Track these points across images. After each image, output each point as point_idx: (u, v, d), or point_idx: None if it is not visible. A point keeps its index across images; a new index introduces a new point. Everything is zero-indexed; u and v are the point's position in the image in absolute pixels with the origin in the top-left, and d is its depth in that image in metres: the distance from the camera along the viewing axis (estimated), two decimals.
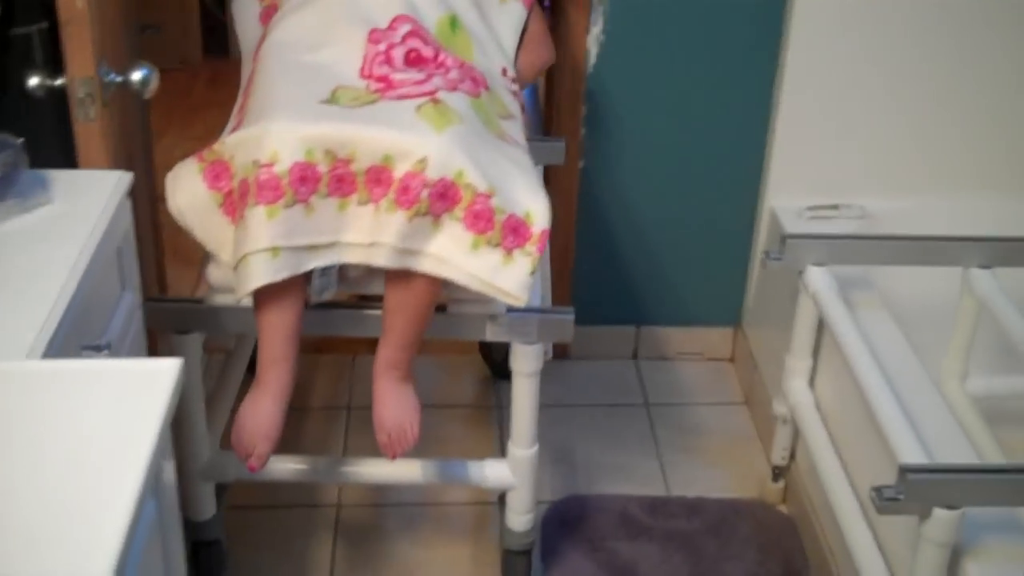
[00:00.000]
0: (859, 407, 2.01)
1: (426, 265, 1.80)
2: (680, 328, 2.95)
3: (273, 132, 1.75)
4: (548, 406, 2.76)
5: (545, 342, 2.03)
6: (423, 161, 1.74)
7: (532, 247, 1.82)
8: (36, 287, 1.46)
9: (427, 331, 1.92)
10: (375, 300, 1.96)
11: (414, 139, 1.76)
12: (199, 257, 2.52)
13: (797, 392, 2.35)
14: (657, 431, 2.75)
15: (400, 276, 1.83)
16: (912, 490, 1.69)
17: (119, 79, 1.88)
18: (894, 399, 1.93)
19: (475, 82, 1.94)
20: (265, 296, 1.79)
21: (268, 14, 2.10)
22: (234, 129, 1.87)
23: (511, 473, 2.13)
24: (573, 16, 2.58)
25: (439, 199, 1.76)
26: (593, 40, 2.59)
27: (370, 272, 1.87)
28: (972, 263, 2.23)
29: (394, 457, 1.93)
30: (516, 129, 1.99)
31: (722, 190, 2.77)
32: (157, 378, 1.25)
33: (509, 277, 1.81)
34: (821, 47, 2.54)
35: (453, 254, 1.79)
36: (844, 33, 2.53)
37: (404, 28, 1.94)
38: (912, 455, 1.80)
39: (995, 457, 2.14)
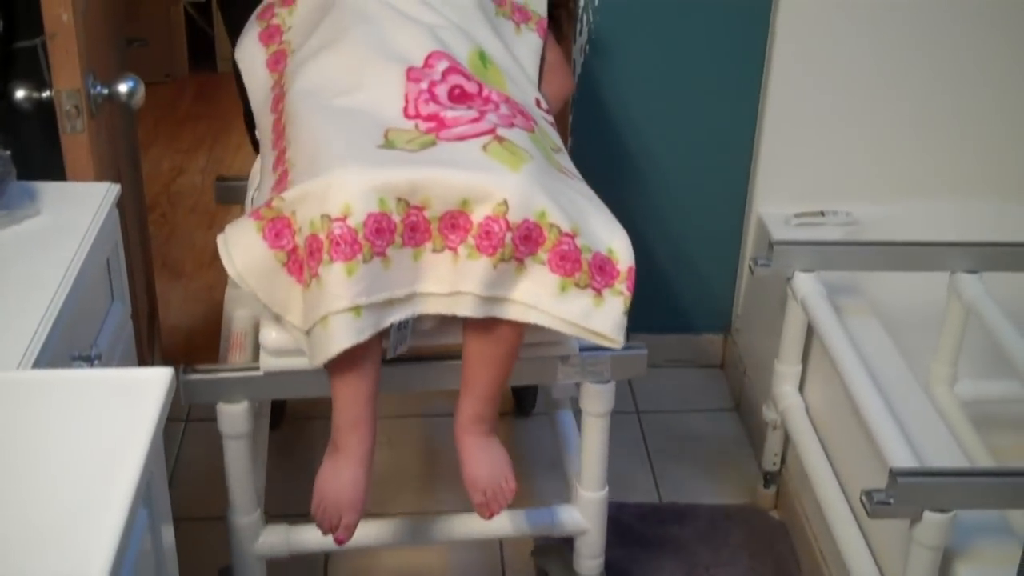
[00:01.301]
0: (849, 412, 2.01)
1: (512, 312, 1.71)
2: (670, 335, 2.95)
3: (341, 183, 1.63)
4: (539, 413, 2.78)
5: (618, 379, 1.94)
6: (504, 203, 1.65)
7: (621, 285, 1.72)
8: (26, 298, 1.46)
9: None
10: (449, 350, 1.84)
11: (492, 180, 1.66)
12: (188, 270, 2.52)
13: (787, 398, 2.35)
14: (648, 438, 2.75)
15: (481, 325, 1.73)
16: (902, 494, 1.69)
17: (106, 91, 1.88)
18: (883, 404, 1.93)
19: (525, 116, 1.85)
20: (342, 357, 1.64)
21: (277, 60, 2.03)
22: (277, 185, 1.75)
23: (583, 517, 2.04)
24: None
25: (523, 242, 1.67)
26: (578, 50, 2.59)
27: (444, 322, 1.75)
28: (959, 268, 2.24)
29: (491, 516, 1.82)
30: (568, 162, 1.90)
31: (710, 198, 2.77)
32: (148, 387, 1.25)
33: (603, 319, 1.71)
34: (806, 56, 2.55)
35: (541, 299, 1.69)
36: (829, 42, 2.55)
37: (442, 64, 1.84)
38: (902, 459, 1.81)
39: (984, 461, 2.14)
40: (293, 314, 1.70)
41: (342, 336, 1.61)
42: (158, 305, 2.81)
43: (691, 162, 2.74)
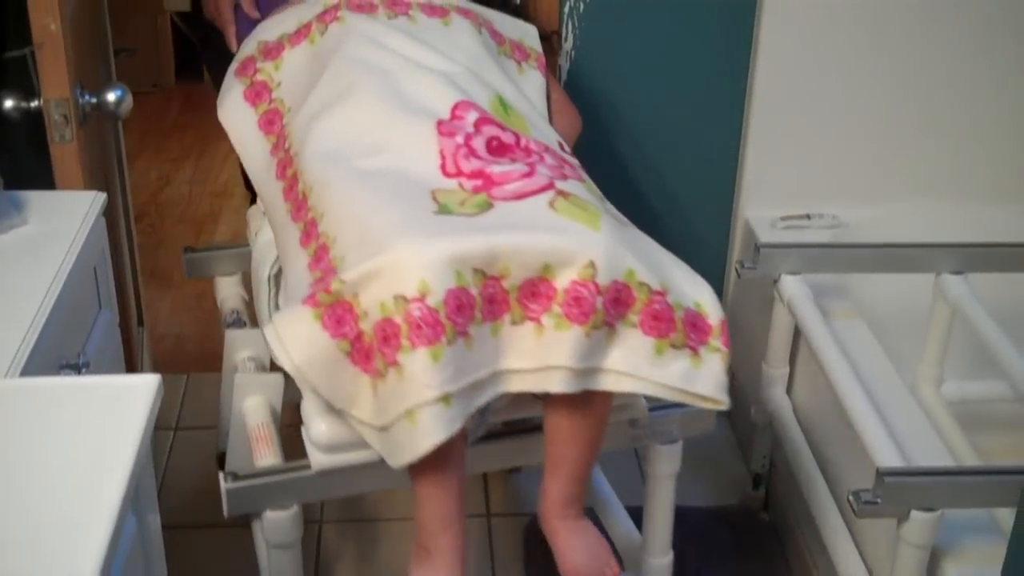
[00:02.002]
0: (836, 413, 2.02)
1: (607, 382, 1.55)
2: None
3: (412, 258, 1.45)
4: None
5: (687, 437, 1.84)
6: (591, 265, 1.49)
7: (716, 341, 1.58)
8: (13, 306, 1.46)
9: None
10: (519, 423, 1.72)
11: (575, 242, 1.50)
12: (176, 279, 2.50)
13: (775, 400, 2.36)
14: None
15: (567, 398, 1.56)
16: (889, 493, 1.70)
17: (94, 100, 1.88)
18: (870, 404, 1.94)
19: (569, 165, 1.71)
20: (428, 454, 1.45)
21: (270, 120, 1.87)
22: (316, 263, 1.59)
23: None
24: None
25: (613, 305, 1.51)
26: (564, 56, 2.60)
27: (519, 396, 1.57)
28: (944, 269, 2.25)
29: None
30: (615, 210, 1.71)
31: (696, 202, 2.78)
32: (136, 393, 1.25)
33: (705, 380, 1.57)
34: (791, 60, 2.56)
35: (637, 365, 1.54)
36: (814, 46, 2.55)
37: (472, 115, 1.69)
38: (889, 459, 1.81)
39: (970, 460, 2.15)
40: (361, 409, 1.51)
41: (434, 429, 1.42)
42: (147, 314, 2.82)
43: (677, 166, 2.74)
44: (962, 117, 2.64)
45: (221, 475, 1.67)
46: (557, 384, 1.51)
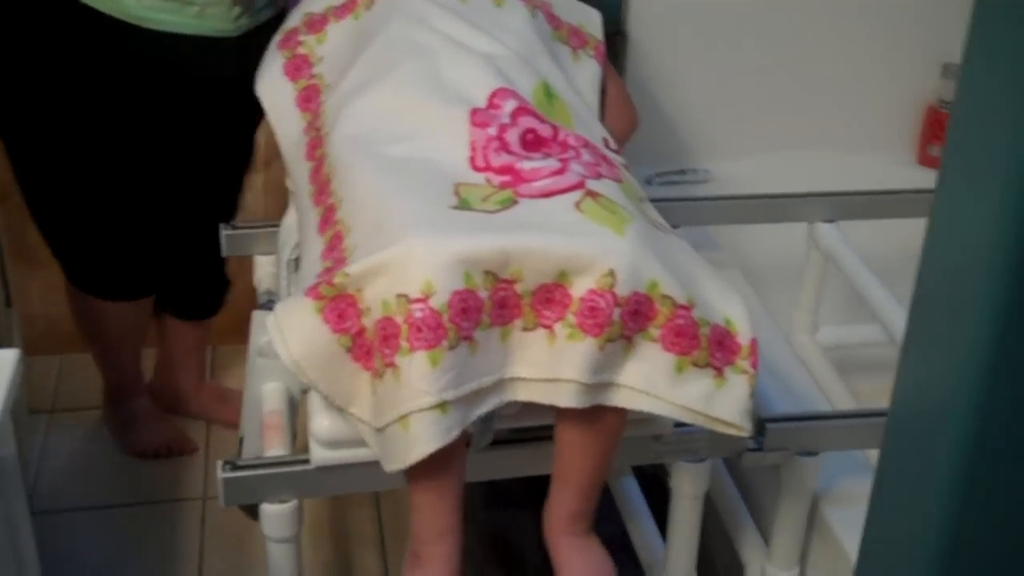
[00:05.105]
0: None
1: (621, 398, 1.45)
2: None
3: (419, 255, 1.36)
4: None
5: (716, 457, 1.75)
6: (611, 274, 1.38)
7: (744, 362, 1.47)
8: None
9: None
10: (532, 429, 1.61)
11: (595, 247, 1.39)
12: (44, 258, 2.43)
13: None
14: None
15: (580, 411, 1.45)
16: (772, 440, 1.73)
17: None
18: None
19: (608, 163, 1.58)
20: (424, 459, 1.38)
21: (308, 97, 1.77)
22: (328, 252, 1.51)
23: None
24: None
25: (631, 318, 1.41)
26: None
27: (529, 405, 1.47)
28: (817, 218, 2.29)
29: None
30: (655, 213, 1.61)
31: None
32: None
33: (727, 403, 1.47)
34: (661, 18, 2.57)
35: (654, 383, 1.44)
36: (684, 2, 2.57)
37: (509, 104, 1.58)
38: (769, 406, 1.85)
39: (848, 404, 2.20)
40: (360, 407, 1.45)
41: (427, 438, 1.36)
42: (15, 294, 2.74)
43: None
44: (831, 68, 2.69)
45: (219, 464, 1.59)
46: (566, 398, 1.42)
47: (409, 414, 1.36)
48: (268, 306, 2.07)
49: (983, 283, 0.92)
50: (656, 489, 1.79)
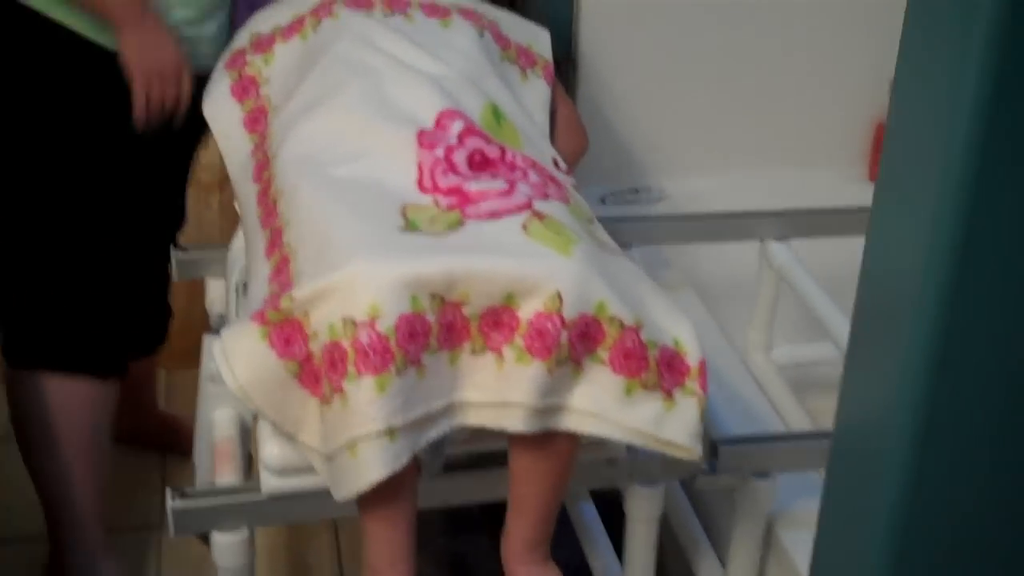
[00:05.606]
0: None
1: (571, 422, 1.44)
2: None
3: (365, 279, 1.35)
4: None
5: (669, 480, 1.76)
6: (557, 296, 1.37)
7: (693, 384, 1.46)
8: None
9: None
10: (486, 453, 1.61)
11: (540, 269, 1.39)
12: None
13: None
14: None
15: (532, 436, 1.45)
16: (725, 462, 1.72)
17: None
18: None
19: (555, 183, 1.58)
20: (376, 486, 1.37)
21: (255, 119, 1.76)
22: (276, 276, 1.49)
23: None
24: None
25: (580, 340, 1.40)
26: None
27: (480, 430, 1.46)
28: (768, 236, 2.29)
29: None
30: (604, 234, 1.61)
31: None
32: None
33: (676, 425, 1.45)
34: (611, 35, 2.57)
35: (604, 405, 1.43)
36: (634, 22, 2.57)
37: (456, 126, 1.58)
38: (722, 428, 1.84)
39: (803, 423, 2.20)
40: (309, 434, 1.43)
41: (375, 465, 1.34)
42: None
43: None
44: (782, 85, 2.70)
45: (168, 492, 1.58)
46: (515, 422, 1.41)
47: (357, 440, 1.34)
48: (220, 331, 2.05)
49: (920, 301, 0.92)
50: (615, 512, 1.78)
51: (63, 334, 2.06)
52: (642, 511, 1.72)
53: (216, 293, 2.09)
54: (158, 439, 2.75)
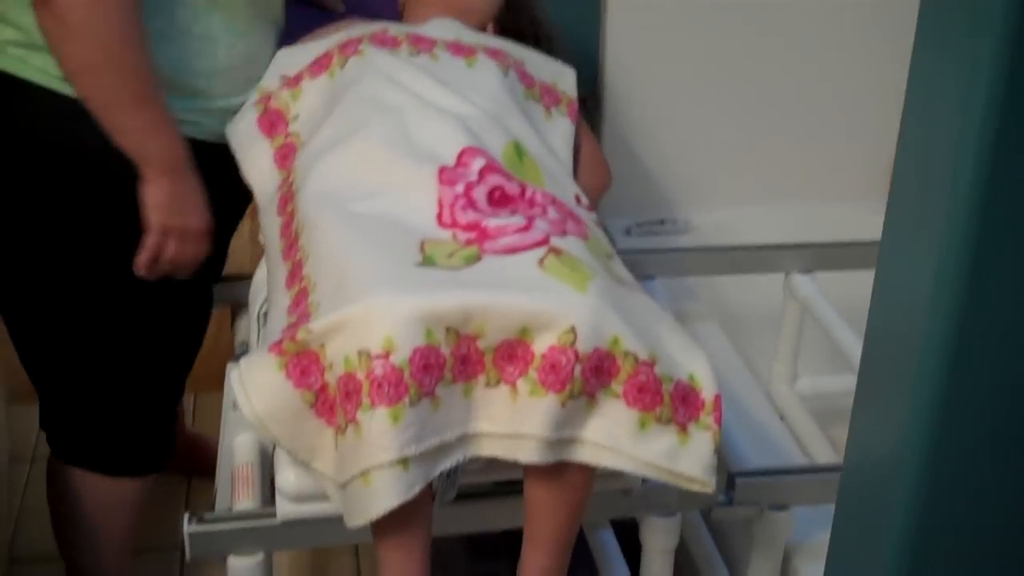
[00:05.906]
0: None
1: (584, 454, 1.45)
2: None
3: (380, 312, 1.37)
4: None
5: (685, 511, 1.75)
6: (571, 331, 1.39)
7: (708, 418, 1.47)
8: None
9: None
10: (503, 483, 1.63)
11: (555, 304, 1.40)
12: None
13: None
14: None
15: (546, 468, 1.46)
16: (741, 494, 1.73)
17: None
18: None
19: (575, 220, 1.60)
20: (388, 514, 1.39)
21: (284, 154, 1.78)
22: (294, 307, 1.51)
23: None
24: None
25: (594, 374, 1.41)
26: None
27: (494, 460, 1.47)
28: (793, 269, 2.30)
29: None
30: (623, 269, 1.62)
31: None
32: None
33: (691, 459, 1.46)
34: (637, 68, 2.59)
35: (618, 439, 1.44)
36: (662, 53, 2.59)
37: (477, 163, 1.60)
38: (742, 460, 1.85)
39: (827, 454, 2.20)
40: (323, 462, 1.45)
41: (388, 494, 1.36)
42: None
43: None
44: (808, 118, 2.71)
45: (185, 516, 1.60)
46: (528, 453, 1.43)
47: (371, 469, 1.36)
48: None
49: (927, 340, 0.92)
50: (634, 538, 1.79)
51: (107, 440, 2.02)
52: (658, 542, 1.73)
53: (243, 321, 2.11)
54: (184, 460, 2.77)
